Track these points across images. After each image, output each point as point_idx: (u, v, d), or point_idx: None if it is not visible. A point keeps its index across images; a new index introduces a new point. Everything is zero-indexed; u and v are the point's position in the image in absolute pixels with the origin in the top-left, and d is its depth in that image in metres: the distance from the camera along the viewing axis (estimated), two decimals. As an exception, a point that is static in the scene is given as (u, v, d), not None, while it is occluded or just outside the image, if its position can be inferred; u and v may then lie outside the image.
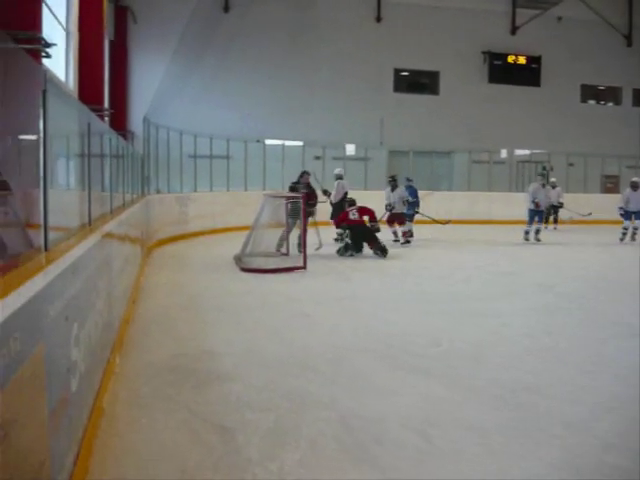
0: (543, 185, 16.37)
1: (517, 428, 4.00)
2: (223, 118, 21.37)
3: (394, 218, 14.74)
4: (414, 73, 25.72)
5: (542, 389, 4.75)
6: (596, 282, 10.05)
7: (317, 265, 10.95)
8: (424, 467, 3.48)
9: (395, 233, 14.81)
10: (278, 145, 21.39)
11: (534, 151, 25.15)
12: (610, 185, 25.96)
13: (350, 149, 23.10)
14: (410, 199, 14.85)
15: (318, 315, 7.31)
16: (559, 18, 26.09)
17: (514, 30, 25.96)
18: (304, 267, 10.51)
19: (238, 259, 11.25)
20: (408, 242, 14.56)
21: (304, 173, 13.04)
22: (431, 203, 17.77)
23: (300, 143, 21.78)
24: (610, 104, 28.52)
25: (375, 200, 14.75)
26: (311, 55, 23.45)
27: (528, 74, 26.24)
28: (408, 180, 15.49)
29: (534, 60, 26.25)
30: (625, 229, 16.22)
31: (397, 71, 25.23)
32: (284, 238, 12.02)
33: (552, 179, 18.93)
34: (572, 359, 5.63)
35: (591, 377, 5.10)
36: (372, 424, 4.02)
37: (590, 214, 18.10)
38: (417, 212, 15.34)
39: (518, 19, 25.88)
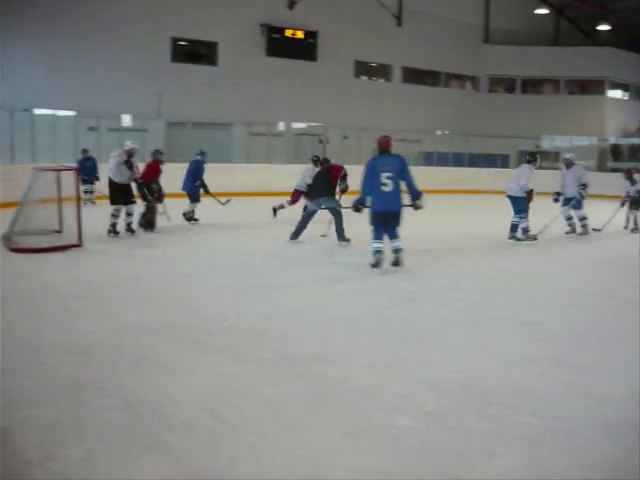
0: None
1: (308, 399, 4.07)
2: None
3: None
4: (192, 43, 25.10)
5: (331, 358, 4.88)
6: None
7: (96, 243, 10.42)
8: (218, 449, 3.40)
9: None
10: (48, 115, 20.15)
11: (311, 124, 25.82)
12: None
13: (126, 120, 22.24)
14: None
15: (100, 296, 6.94)
16: (336, -6, 26.70)
17: (292, 4, 26.26)
18: (80, 245, 9.93)
19: (7, 238, 10.39)
20: None
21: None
22: (211, 176, 17.39)
23: (72, 113, 20.57)
24: (382, 80, 30.02)
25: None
26: (84, 20, 21.85)
27: (305, 49, 26.64)
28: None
29: (311, 35, 26.66)
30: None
31: (174, 40, 24.49)
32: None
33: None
34: (358, 327, 5.85)
35: (378, 342, 5.35)
36: (161, 408, 3.88)
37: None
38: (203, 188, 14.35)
39: (296, -7, 26.23)
